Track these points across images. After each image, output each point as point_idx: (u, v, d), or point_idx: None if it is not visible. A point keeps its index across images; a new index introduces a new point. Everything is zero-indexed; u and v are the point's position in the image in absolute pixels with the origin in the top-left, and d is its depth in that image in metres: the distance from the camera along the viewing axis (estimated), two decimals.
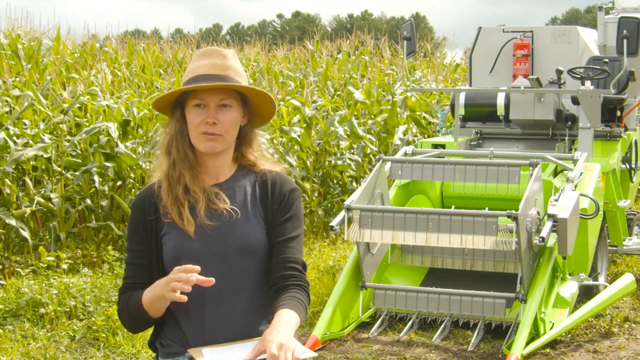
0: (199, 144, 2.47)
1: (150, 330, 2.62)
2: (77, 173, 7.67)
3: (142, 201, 2.53)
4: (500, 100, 7.48)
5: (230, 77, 2.47)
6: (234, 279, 2.46)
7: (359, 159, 9.86)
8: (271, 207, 2.52)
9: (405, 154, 6.63)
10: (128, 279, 2.53)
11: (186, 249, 2.45)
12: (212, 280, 2.29)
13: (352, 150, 10.21)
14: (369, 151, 10.18)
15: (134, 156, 7.84)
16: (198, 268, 2.28)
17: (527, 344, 5.25)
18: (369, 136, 10.31)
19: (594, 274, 6.54)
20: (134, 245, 2.53)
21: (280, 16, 65.83)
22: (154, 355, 2.61)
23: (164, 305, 2.42)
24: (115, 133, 7.85)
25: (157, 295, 2.37)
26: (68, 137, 7.88)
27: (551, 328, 5.57)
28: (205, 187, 2.48)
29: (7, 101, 8.22)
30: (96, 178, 7.83)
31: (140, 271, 2.51)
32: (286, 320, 2.31)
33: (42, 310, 5.85)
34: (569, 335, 5.87)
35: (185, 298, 2.27)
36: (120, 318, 2.55)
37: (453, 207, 6.64)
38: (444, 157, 6.64)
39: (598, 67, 7.09)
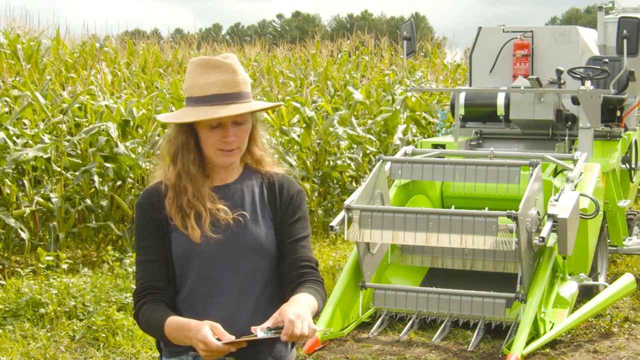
0: (216, 160, 2.48)
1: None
2: (77, 173, 7.67)
3: (151, 198, 2.51)
4: (500, 100, 7.48)
5: (244, 92, 2.46)
6: (243, 278, 2.48)
7: (359, 159, 9.86)
8: (280, 208, 2.55)
9: (405, 154, 6.63)
10: (143, 278, 2.47)
11: (195, 248, 2.45)
12: (239, 342, 2.28)
13: (352, 150, 10.21)
14: (368, 151, 10.17)
15: (134, 156, 7.84)
16: (229, 337, 2.27)
17: (527, 344, 5.25)
18: (368, 136, 10.30)
19: (594, 274, 6.54)
20: (144, 243, 2.49)
21: (280, 16, 65.87)
22: (157, 355, 2.61)
23: (189, 343, 2.37)
24: (114, 133, 7.85)
25: (181, 338, 2.35)
26: (68, 137, 7.88)
27: (551, 328, 5.57)
28: (208, 200, 2.47)
29: (6, 101, 8.21)
30: (96, 178, 7.82)
31: (154, 268, 2.47)
32: (304, 299, 2.38)
33: (42, 310, 5.84)
34: (569, 335, 5.87)
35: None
36: (139, 324, 2.51)
37: (453, 207, 6.63)
38: (444, 157, 6.64)
39: (598, 67, 7.09)
